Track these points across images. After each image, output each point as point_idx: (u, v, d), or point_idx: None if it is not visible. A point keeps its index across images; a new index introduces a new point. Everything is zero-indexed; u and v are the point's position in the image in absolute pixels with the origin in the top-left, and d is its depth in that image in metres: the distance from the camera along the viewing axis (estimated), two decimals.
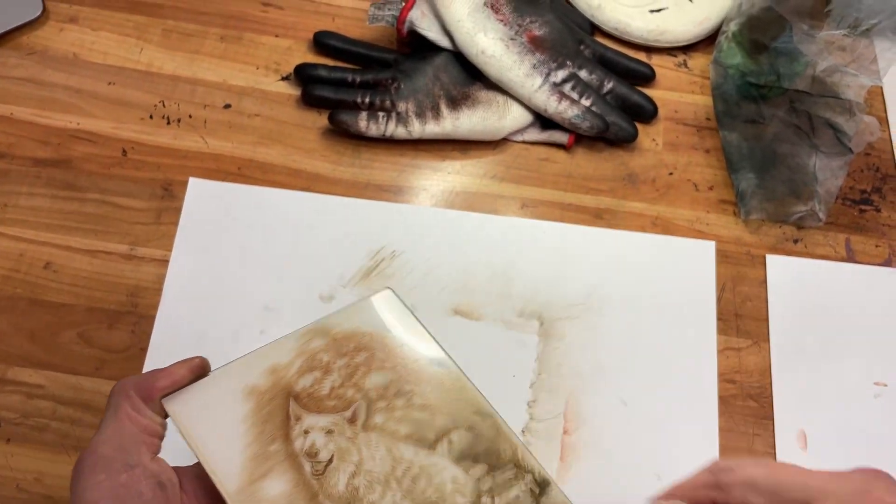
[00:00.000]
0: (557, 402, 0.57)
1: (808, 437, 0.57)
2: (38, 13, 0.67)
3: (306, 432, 0.38)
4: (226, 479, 0.35)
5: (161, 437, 0.36)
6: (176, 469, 0.36)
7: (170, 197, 0.62)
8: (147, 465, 0.33)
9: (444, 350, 0.42)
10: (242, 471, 0.35)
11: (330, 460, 0.37)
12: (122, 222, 0.61)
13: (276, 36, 0.70)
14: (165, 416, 0.37)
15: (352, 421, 0.38)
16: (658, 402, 0.58)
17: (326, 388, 0.39)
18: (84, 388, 0.55)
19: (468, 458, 0.39)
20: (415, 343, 0.42)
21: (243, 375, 0.38)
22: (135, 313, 0.58)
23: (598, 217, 0.65)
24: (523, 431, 0.56)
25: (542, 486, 0.38)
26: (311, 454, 0.37)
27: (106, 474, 0.32)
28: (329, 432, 0.38)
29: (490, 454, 0.39)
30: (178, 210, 0.62)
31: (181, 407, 0.36)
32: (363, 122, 0.64)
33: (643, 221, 0.65)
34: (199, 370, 0.37)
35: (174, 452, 0.37)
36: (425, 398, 0.40)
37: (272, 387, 0.38)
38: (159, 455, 0.35)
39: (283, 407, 0.38)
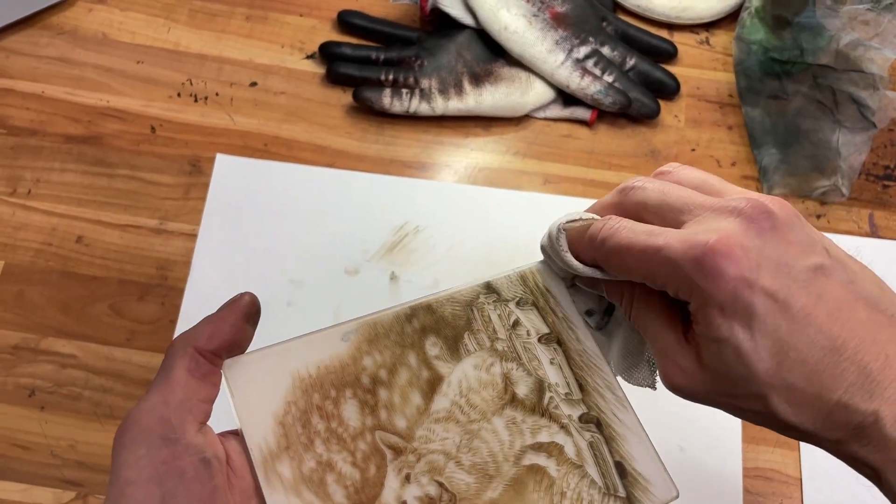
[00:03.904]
0: None
1: None
2: None
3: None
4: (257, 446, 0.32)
5: (212, 401, 0.32)
6: (223, 439, 0.33)
7: (198, 173, 0.63)
8: (191, 438, 0.29)
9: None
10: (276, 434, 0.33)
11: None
12: (151, 197, 0.62)
13: (301, 15, 0.71)
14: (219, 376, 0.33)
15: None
16: None
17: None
18: (116, 358, 0.57)
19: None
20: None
21: (310, 354, 0.35)
22: (164, 286, 0.59)
23: None
24: None
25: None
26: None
27: (146, 449, 0.28)
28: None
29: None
30: (205, 185, 0.63)
31: (237, 374, 0.33)
32: (387, 99, 0.64)
33: None
34: (252, 309, 0.34)
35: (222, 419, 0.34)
36: None
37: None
38: (209, 423, 0.32)
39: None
